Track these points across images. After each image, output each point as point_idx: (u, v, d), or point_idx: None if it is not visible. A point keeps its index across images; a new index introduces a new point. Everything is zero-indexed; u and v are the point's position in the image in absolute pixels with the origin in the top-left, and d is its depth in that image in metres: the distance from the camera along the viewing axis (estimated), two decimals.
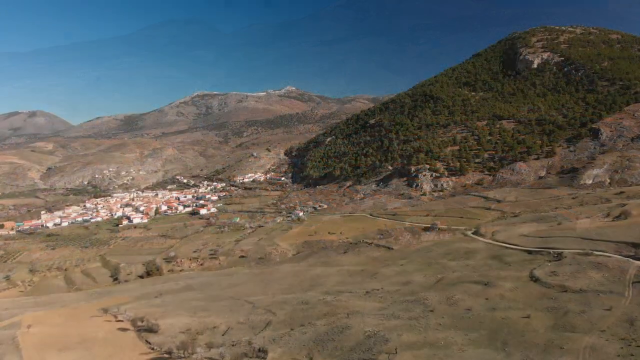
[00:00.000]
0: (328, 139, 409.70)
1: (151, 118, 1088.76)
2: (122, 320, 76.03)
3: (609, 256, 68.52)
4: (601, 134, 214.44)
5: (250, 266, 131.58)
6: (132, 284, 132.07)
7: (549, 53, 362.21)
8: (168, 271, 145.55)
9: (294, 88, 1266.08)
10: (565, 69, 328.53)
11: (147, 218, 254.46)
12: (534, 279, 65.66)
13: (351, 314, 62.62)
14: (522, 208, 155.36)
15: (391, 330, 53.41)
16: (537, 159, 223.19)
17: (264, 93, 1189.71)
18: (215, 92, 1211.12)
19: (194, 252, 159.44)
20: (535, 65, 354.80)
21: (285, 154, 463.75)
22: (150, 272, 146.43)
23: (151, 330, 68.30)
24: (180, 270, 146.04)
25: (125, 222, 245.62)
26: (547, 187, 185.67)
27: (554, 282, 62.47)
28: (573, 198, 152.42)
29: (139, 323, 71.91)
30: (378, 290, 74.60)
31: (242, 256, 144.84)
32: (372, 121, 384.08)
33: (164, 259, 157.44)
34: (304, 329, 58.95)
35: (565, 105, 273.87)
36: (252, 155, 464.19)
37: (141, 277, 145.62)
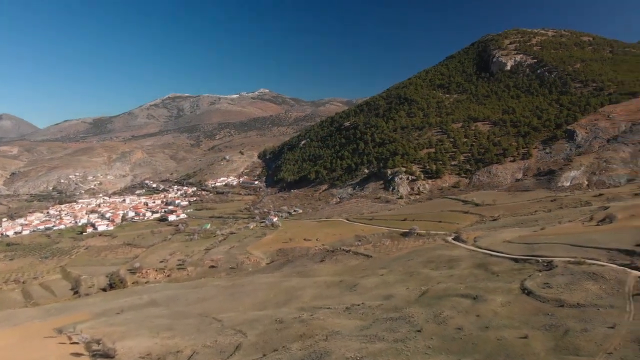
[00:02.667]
0: (302, 142, 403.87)
1: (121, 121, 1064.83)
2: (77, 343, 68.75)
3: (603, 265, 64.39)
4: (577, 136, 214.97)
5: (221, 277, 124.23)
6: (93, 298, 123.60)
7: (522, 55, 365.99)
8: (132, 283, 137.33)
9: (267, 90, 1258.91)
10: (538, 71, 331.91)
11: (113, 225, 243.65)
12: (527, 292, 60.81)
13: (330, 335, 56.46)
14: (501, 211, 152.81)
15: (376, 356, 47.43)
16: (514, 161, 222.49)
17: (237, 95, 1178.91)
18: (186, 94, 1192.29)
19: (161, 262, 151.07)
20: (508, 67, 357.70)
21: (258, 157, 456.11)
22: (114, 284, 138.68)
23: (107, 356, 61.37)
24: (146, 282, 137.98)
25: (89, 229, 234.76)
26: (525, 190, 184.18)
27: (548, 296, 57.72)
28: (552, 201, 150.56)
29: (95, 347, 65.11)
30: (359, 305, 68.69)
31: (212, 266, 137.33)
32: (347, 123, 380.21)
33: (128, 269, 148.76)
34: (278, 355, 52.48)
35: (539, 107, 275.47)
36: (225, 158, 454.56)
37: (104, 290, 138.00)
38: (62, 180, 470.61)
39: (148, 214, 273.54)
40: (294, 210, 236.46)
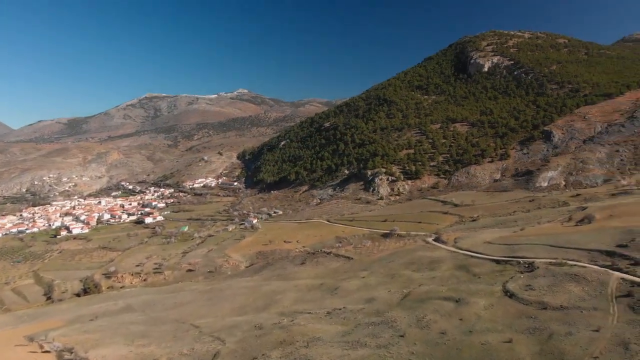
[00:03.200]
0: (282, 143, 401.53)
1: (96, 121, 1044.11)
2: (49, 351, 66.42)
3: (585, 266, 64.28)
4: (553, 136, 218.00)
5: (199, 281, 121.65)
6: (66, 304, 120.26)
7: (499, 57, 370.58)
8: (107, 288, 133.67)
9: (246, 90, 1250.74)
10: (515, 73, 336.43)
11: (88, 228, 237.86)
12: (509, 294, 60.23)
13: (311, 341, 54.92)
14: (480, 212, 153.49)
15: None
16: (492, 161, 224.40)
17: (216, 95, 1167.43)
18: (164, 94, 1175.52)
19: (137, 266, 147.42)
20: (486, 69, 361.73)
21: (237, 157, 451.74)
22: (88, 289, 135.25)
23: None
24: (121, 287, 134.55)
25: (64, 232, 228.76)
26: (503, 190, 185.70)
27: (531, 298, 57.22)
28: (530, 201, 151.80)
29: (67, 356, 63.13)
30: (340, 309, 67.27)
31: (190, 270, 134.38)
32: (326, 124, 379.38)
33: (103, 274, 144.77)
34: None
35: (516, 108, 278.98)
36: (203, 159, 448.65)
37: (77, 295, 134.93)
38: (35, 182, 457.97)
39: (124, 216, 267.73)
40: (274, 212, 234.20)
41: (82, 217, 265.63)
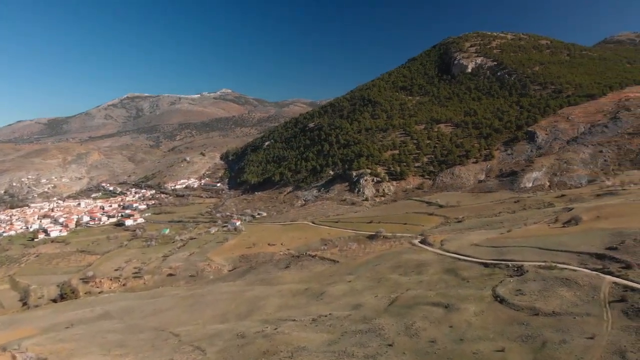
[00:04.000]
0: (266, 143, 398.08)
1: (77, 121, 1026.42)
2: None
3: (575, 270, 62.96)
4: (537, 137, 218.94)
5: (180, 286, 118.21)
6: (42, 310, 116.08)
7: (482, 58, 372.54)
8: (85, 294, 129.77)
9: (229, 90, 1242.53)
10: (499, 74, 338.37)
11: (67, 231, 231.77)
12: (499, 300, 58.62)
13: (296, 351, 52.54)
14: (465, 213, 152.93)
15: None
16: (476, 162, 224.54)
17: (198, 95, 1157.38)
18: (146, 94, 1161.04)
19: (116, 270, 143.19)
20: (469, 70, 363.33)
21: (221, 158, 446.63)
22: (65, 295, 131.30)
23: None
24: (99, 293, 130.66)
25: (41, 235, 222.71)
26: (488, 191, 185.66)
27: (522, 304, 55.64)
28: (515, 202, 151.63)
29: None
30: (326, 316, 64.96)
31: (171, 274, 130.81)
32: (311, 125, 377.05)
33: (81, 279, 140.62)
34: None
35: (500, 109, 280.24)
36: (185, 159, 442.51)
37: (54, 301, 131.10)
38: (14, 184, 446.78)
39: (104, 218, 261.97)
40: (258, 214, 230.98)
41: (61, 220, 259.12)
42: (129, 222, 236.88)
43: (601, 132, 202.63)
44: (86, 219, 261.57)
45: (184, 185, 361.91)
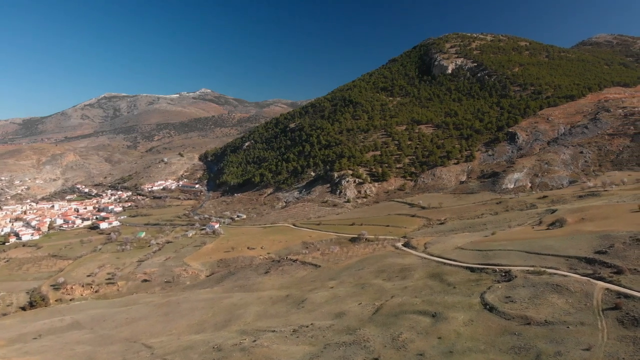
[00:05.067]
0: (246, 144, 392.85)
1: (53, 121, 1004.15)
2: None
3: (565, 275, 60.92)
4: (518, 138, 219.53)
5: (155, 293, 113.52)
6: (10, 319, 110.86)
7: (462, 59, 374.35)
8: (55, 301, 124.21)
9: (209, 90, 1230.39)
10: (479, 75, 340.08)
11: (39, 234, 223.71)
12: (489, 308, 56.07)
13: None
14: (448, 215, 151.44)
15: None
16: (457, 163, 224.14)
17: (177, 95, 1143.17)
18: (123, 94, 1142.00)
19: (88, 276, 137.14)
20: (449, 71, 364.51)
21: (200, 159, 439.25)
22: (34, 302, 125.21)
23: None
24: (71, 300, 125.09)
25: (12, 239, 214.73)
26: (470, 192, 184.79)
27: (513, 312, 53.14)
28: (497, 203, 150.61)
29: None
30: (307, 327, 61.56)
31: (146, 280, 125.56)
32: (292, 125, 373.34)
33: (51, 285, 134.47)
34: None
35: (480, 110, 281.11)
36: (163, 160, 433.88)
37: (23, 309, 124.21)
38: None
39: (78, 221, 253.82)
40: (238, 216, 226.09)
41: (33, 223, 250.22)
42: (103, 225, 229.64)
43: (581, 133, 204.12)
44: (60, 221, 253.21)
45: (161, 187, 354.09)
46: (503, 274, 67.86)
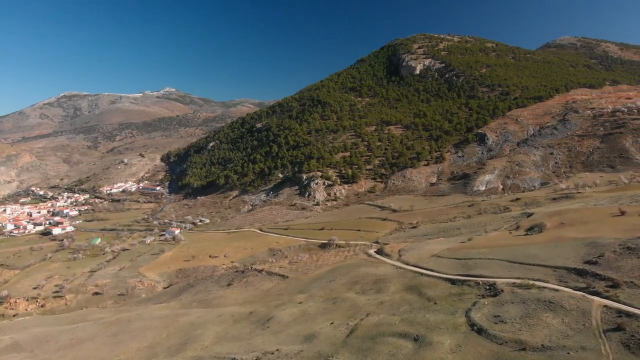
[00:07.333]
0: (211, 144, 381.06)
1: (10, 121, 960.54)
2: None
3: (557, 289, 55.58)
4: (487, 139, 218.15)
5: (106, 307, 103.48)
6: None
7: (430, 59, 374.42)
8: None
9: (174, 89, 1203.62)
10: (447, 75, 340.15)
11: None
12: (477, 329, 49.96)
13: None
14: (420, 218, 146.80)
15: None
16: (427, 164, 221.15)
17: (141, 94, 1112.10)
18: (84, 93, 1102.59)
19: (35, 288, 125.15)
20: (417, 72, 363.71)
21: (162, 160, 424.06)
22: None
23: None
24: (14, 315, 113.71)
25: None
26: (441, 195, 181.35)
27: (505, 335, 47.17)
28: (470, 206, 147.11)
29: None
30: (272, 353, 54.12)
31: (97, 293, 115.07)
32: (259, 125, 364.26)
33: None
34: None
35: (449, 111, 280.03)
36: (123, 161, 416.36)
37: None
38: None
39: (30, 226, 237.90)
40: (200, 220, 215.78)
41: None
42: (56, 231, 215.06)
43: (551, 134, 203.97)
44: (10, 227, 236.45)
45: (120, 189, 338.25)
46: (487, 288, 62.22)
